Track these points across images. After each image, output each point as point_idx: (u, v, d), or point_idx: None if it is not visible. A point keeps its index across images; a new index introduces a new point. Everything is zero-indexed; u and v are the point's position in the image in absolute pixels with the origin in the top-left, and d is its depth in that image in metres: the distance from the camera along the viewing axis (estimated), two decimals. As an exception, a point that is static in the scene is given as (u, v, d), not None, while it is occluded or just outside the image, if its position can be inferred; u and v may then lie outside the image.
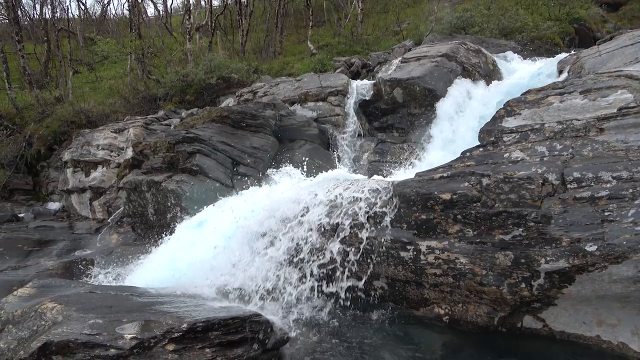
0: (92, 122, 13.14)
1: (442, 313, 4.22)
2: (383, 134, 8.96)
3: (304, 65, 15.59)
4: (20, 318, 3.31)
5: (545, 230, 3.65)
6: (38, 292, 3.86)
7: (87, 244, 8.27)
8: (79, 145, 11.15)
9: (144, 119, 11.70)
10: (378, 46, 16.58)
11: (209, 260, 5.24)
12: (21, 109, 15.19)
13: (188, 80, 13.85)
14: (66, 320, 2.98)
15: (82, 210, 10.81)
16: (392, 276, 4.41)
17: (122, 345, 2.77)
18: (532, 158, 4.26)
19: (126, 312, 3.18)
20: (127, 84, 16.45)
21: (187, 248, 5.65)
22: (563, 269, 3.49)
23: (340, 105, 9.39)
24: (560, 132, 4.40)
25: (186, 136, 7.73)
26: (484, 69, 9.15)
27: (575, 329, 3.74)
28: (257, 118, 8.50)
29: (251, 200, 5.82)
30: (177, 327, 2.93)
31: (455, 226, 4.11)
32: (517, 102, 5.25)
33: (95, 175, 10.57)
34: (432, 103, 8.36)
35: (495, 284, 3.79)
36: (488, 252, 3.85)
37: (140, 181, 7.78)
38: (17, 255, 7.66)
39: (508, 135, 4.75)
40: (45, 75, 19.46)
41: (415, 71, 8.78)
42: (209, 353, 2.93)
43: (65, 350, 2.71)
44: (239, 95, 11.81)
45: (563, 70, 7.57)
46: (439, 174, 4.49)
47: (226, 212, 5.83)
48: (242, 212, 5.51)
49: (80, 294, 3.69)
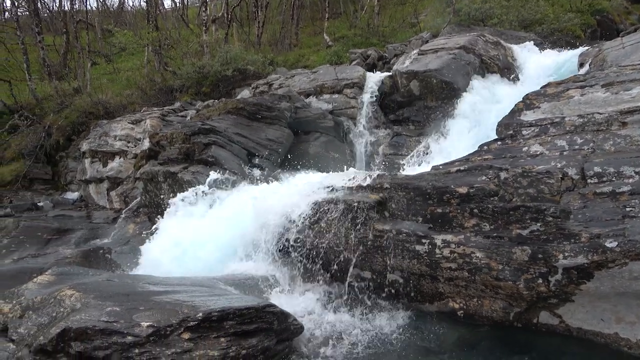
0: (110, 113, 13.29)
1: (457, 307, 4.19)
2: (399, 126, 8.89)
3: (320, 57, 15.52)
4: (39, 304, 3.37)
5: (564, 225, 3.59)
6: (57, 280, 3.94)
7: (105, 233, 8.40)
8: (97, 135, 11.28)
9: (160, 110, 11.79)
10: (395, 38, 16.41)
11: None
12: (41, 100, 15.43)
13: (204, 72, 13.89)
14: (84, 308, 3.03)
15: (99, 200, 10.97)
16: (407, 269, 4.39)
17: (139, 332, 2.81)
18: (551, 152, 4.19)
19: (143, 301, 3.23)
20: (144, 76, 16.57)
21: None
22: (582, 265, 3.43)
23: (355, 97, 9.34)
24: (581, 125, 4.31)
25: (202, 127, 7.77)
26: (502, 61, 9.00)
27: (593, 325, 3.68)
28: (272, 110, 8.50)
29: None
30: (192, 316, 2.96)
31: (472, 220, 4.06)
32: (536, 96, 5.16)
33: (113, 166, 10.70)
34: (449, 96, 8.26)
35: (512, 279, 3.75)
36: (505, 246, 3.81)
37: (157, 172, 7.85)
38: (37, 243, 7.81)
39: (527, 128, 4.68)
40: (64, 66, 19.71)
41: (432, 63, 8.67)
42: (224, 342, 2.96)
43: (83, 337, 2.76)
44: (255, 87, 11.82)
45: (584, 63, 7.41)
46: (456, 168, 4.45)
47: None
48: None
49: (98, 282, 3.75)
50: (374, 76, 9.80)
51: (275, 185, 6.32)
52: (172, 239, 5.85)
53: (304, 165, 7.81)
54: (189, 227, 5.94)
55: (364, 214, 4.68)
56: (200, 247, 5.53)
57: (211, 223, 5.87)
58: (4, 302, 3.62)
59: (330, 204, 4.96)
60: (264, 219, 5.35)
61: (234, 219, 5.67)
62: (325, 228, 4.94)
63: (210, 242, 5.55)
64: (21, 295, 3.62)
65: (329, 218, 4.92)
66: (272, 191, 5.90)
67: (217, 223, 5.80)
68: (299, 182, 5.75)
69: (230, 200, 6.28)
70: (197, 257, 5.42)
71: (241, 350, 3.00)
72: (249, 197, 5.90)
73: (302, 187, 5.51)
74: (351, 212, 4.76)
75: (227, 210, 6.00)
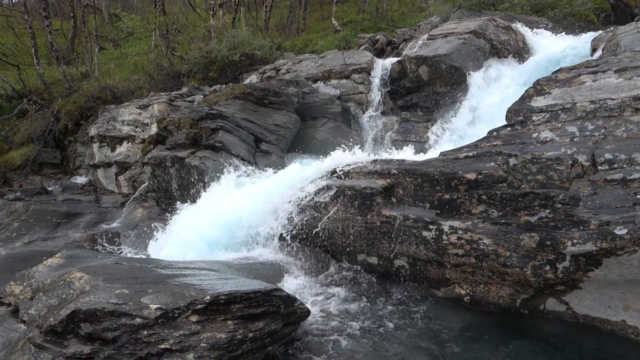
0: (118, 98, 13.32)
1: (463, 293, 4.19)
2: (407, 112, 8.81)
3: (328, 42, 15.38)
4: (49, 286, 3.42)
5: (573, 212, 3.56)
6: (66, 262, 3.98)
7: (113, 217, 8.46)
8: (105, 120, 11.32)
9: (168, 95, 11.77)
10: (403, 23, 16.20)
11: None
12: (49, 85, 15.46)
13: (211, 56, 13.84)
14: (93, 290, 3.06)
15: (108, 185, 11.04)
16: (414, 255, 4.39)
17: (148, 315, 2.83)
18: (561, 138, 4.14)
19: (151, 283, 3.25)
20: (152, 61, 16.54)
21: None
22: (590, 252, 3.41)
23: (363, 83, 9.26)
24: (592, 111, 4.25)
25: (209, 113, 7.76)
26: (513, 46, 8.86)
27: (600, 313, 3.67)
28: (279, 95, 8.46)
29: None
30: (200, 299, 2.98)
31: (480, 207, 4.04)
32: (547, 81, 5.09)
33: (121, 151, 10.74)
34: (458, 81, 8.17)
35: (519, 266, 3.74)
36: (513, 233, 3.79)
37: (165, 157, 7.87)
38: (47, 227, 7.89)
39: (537, 114, 4.62)
40: (72, 51, 19.71)
41: (441, 48, 8.56)
42: (231, 325, 2.98)
43: (92, 318, 2.79)
44: (262, 72, 11.76)
45: (597, 48, 7.26)
46: (464, 154, 4.42)
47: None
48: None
49: (106, 265, 3.79)
50: (382, 61, 9.71)
51: (282, 171, 6.31)
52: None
53: (311, 150, 7.80)
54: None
55: (370, 199, 4.67)
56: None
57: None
58: (15, 284, 3.67)
59: (337, 190, 4.96)
60: (271, 205, 5.37)
61: (245, 205, 5.68)
62: (332, 214, 4.94)
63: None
64: (31, 277, 3.67)
65: (336, 204, 4.92)
66: (280, 177, 5.90)
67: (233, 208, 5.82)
68: (306, 168, 5.73)
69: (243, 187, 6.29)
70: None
71: (248, 333, 3.02)
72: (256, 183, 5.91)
73: (309, 172, 5.50)
74: (358, 198, 4.76)
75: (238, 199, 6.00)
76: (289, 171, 6.12)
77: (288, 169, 6.25)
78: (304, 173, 5.56)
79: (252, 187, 5.95)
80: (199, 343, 2.80)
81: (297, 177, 5.54)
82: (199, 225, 5.69)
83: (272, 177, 6.11)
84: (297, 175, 5.60)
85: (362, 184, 4.78)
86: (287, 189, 5.40)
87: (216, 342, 2.84)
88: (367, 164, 5.11)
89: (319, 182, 5.30)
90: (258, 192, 5.65)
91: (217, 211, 5.75)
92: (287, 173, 6.05)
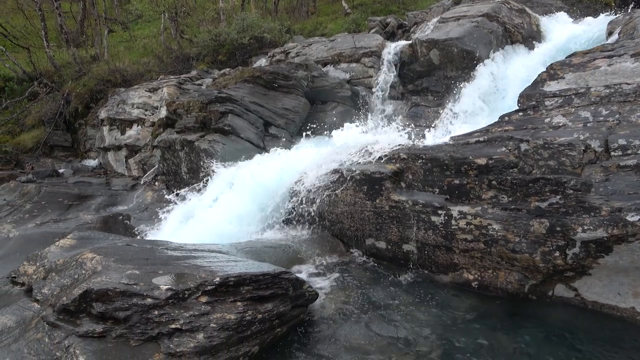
0: (127, 81, 13.33)
1: (471, 278, 4.20)
2: (417, 97, 8.72)
3: (338, 25, 15.21)
4: (62, 267, 3.47)
5: (585, 198, 3.53)
6: (78, 243, 4.04)
7: (124, 200, 8.54)
8: (115, 103, 11.35)
9: (177, 78, 11.76)
10: (415, 5, 15.95)
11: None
12: (59, 67, 15.51)
13: (220, 39, 13.76)
14: (105, 270, 3.10)
15: (118, 168, 11.12)
16: (422, 240, 4.40)
17: (158, 295, 2.87)
18: (574, 124, 4.08)
19: (161, 265, 3.29)
20: (161, 44, 16.50)
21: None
22: (601, 239, 3.39)
23: (374, 66, 9.17)
24: (607, 96, 4.18)
25: (218, 96, 7.74)
26: (527, 30, 8.69)
27: (609, 299, 3.66)
28: (289, 79, 8.41)
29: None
30: (210, 281, 3.02)
31: (490, 192, 4.02)
32: (561, 66, 5.00)
33: (131, 134, 10.79)
34: (470, 65, 8.06)
35: (528, 252, 3.73)
36: (522, 219, 3.77)
37: (174, 140, 7.90)
38: (58, 208, 7.98)
39: (550, 99, 4.55)
40: (82, 33, 19.70)
41: (453, 32, 8.42)
42: (241, 306, 3.01)
43: (104, 298, 2.83)
44: (271, 55, 11.68)
45: (613, 31, 7.10)
46: (475, 138, 4.38)
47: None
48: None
49: (117, 247, 3.83)
50: (393, 45, 9.57)
51: (291, 154, 6.30)
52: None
53: (321, 135, 7.77)
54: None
55: (380, 184, 4.66)
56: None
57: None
58: (28, 264, 3.74)
59: (346, 174, 4.95)
60: (281, 188, 5.38)
61: (254, 189, 5.70)
62: (341, 197, 4.95)
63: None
64: (44, 257, 3.73)
65: (345, 187, 4.92)
66: (288, 160, 5.90)
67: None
68: (315, 151, 5.72)
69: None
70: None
71: (257, 314, 3.06)
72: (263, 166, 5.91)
73: (318, 156, 5.50)
74: (367, 182, 4.75)
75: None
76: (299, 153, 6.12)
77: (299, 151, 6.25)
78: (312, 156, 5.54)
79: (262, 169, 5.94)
80: (208, 323, 2.84)
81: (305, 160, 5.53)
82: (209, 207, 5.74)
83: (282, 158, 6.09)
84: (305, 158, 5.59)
85: (371, 169, 4.77)
86: (295, 172, 5.40)
87: (226, 323, 2.88)
88: (376, 148, 5.08)
89: (328, 165, 5.29)
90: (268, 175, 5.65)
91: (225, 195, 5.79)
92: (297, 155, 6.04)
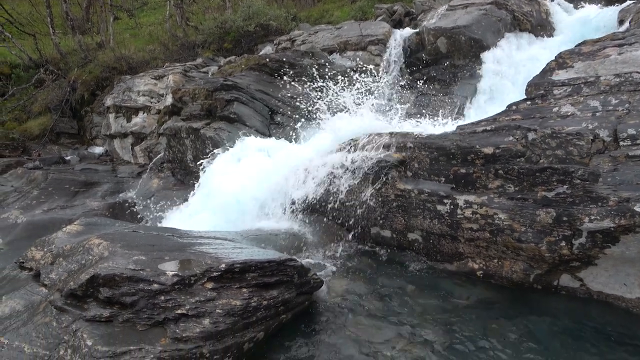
0: (133, 69, 13.32)
1: (476, 268, 4.20)
2: (424, 86, 8.66)
3: (344, 12, 15.06)
4: (69, 252, 3.50)
5: (592, 188, 3.50)
6: (85, 229, 4.07)
7: (130, 187, 8.59)
8: (121, 91, 11.36)
9: (182, 65, 11.73)
10: (422, -7, 15.76)
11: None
12: (65, 54, 15.50)
13: (226, 27, 13.68)
14: (112, 256, 3.12)
15: (124, 155, 11.17)
16: (427, 229, 4.39)
17: (164, 281, 2.89)
18: (583, 113, 4.04)
19: (168, 251, 3.31)
20: (166, 31, 16.43)
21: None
22: (607, 229, 3.37)
23: (380, 55, 9.10)
24: (617, 85, 4.13)
25: (224, 84, 7.72)
26: (536, 18, 8.59)
27: (615, 290, 3.65)
28: (295, 67, 8.37)
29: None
30: (215, 267, 3.03)
31: (496, 181, 4.00)
32: (570, 54, 4.94)
33: (137, 121, 10.81)
34: (477, 54, 7.98)
35: (534, 241, 3.71)
36: (529, 208, 3.75)
37: (180, 128, 7.90)
38: (65, 195, 8.05)
39: (559, 88, 4.50)
40: (87, 20, 19.66)
41: (461, 20, 8.33)
42: (246, 293, 3.03)
43: (111, 283, 2.86)
44: (277, 43, 11.61)
45: (624, 20, 7.01)
46: (482, 127, 4.35)
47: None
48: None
49: (124, 233, 3.86)
50: (400, 33, 9.48)
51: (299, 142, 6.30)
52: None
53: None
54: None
55: (385, 172, 4.65)
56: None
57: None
58: (36, 249, 3.77)
59: (352, 162, 4.94)
60: (286, 176, 5.38)
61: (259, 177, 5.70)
62: (346, 186, 4.94)
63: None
64: (52, 243, 3.76)
65: (351, 176, 4.92)
66: (296, 148, 5.89)
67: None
68: (321, 139, 5.70)
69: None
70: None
71: (262, 300, 3.08)
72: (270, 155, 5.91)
73: (324, 144, 5.48)
74: (373, 171, 4.74)
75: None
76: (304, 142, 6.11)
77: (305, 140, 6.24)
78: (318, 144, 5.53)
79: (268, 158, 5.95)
80: (214, 309, 2.86)
81: (311, 148, 5.52)
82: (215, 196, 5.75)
83: (288, 148, 6.09)
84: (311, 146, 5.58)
85: (377, 157, 4.76)
86: (301, 160, 5.40)
87: (231, 309, 2.90)
88: (382, 137, 5.06)
89: (333, 154, 5.28)
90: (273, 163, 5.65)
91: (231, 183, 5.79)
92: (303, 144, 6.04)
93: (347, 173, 4.97)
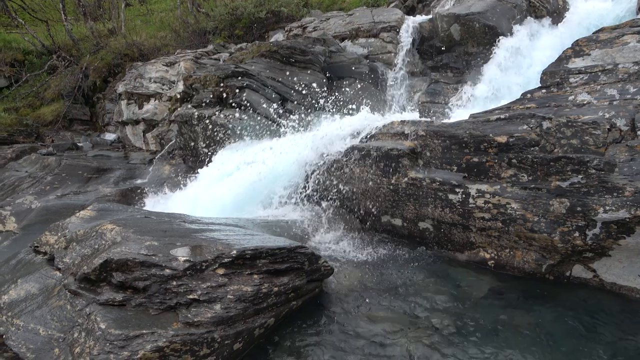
0: (144, 55, 13.33)
1: (488, 257, 4.17)
2: (437, 73, 8.56)
3: (356, -1, 14.90)
4: (82, 237, 3.54)
5: (607, 178, 3.45)
6: (98, 215, 4.10)
7: (142, 174, 8.66)
8: (132, 77, 11.38)
9: (194, 52, 11.71)
10: (436, -21, 15.52)
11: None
12: (77, 41, 15.54)
13: (237, 14, 13.61)
14: (124, 241, 3.15)
15: (136, 142, 11.22)
16: (439, 218, 4.37)
17: (176, 266, 2.92)
18: (600, 101, 3.97)
19: (179, 237, 3.33)
20: (178, 17, 16.39)
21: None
22: (623, 220, 3.32)
23: (392, 42, 8.99)
24: (635, 73, 4.04)
25: (235, 71, 7.70)
26: (552, 4, 8.42)
27: (629, 281, 3.61)
28: (306, 54, 8.31)
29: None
30: (227, 253, 3.05)
31: (509, 170, 3.96)
32: (587, 42, 4.84)
33: (148, 108, 10.84)
34: (491, 41, 7.85)
35: (547, 231, 3.68)
36: (542, 198, 3.71)
37: (191, 115, 7.91)
38: (78, 181, 8.13)
39: (575, 76, 4.42)
40: (99, 7, 19.65)
41: (475, 6, 8.19)
42: (257, 279, 3.05)
43: (124, 268, 2.89)
44: (288, 30, 11.53)
45: (644, 6, 6.84)
46: (496, 116, 4.29)
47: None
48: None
49: (136, 218, 3.89)
50: (412, 20, 9.35)
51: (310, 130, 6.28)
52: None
53: (338, 111, 7.70)
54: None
55: (397, 161, 4.62)
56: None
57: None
58: (50, 234, 3.82)
59: (363, 150, 4.92)
60: (297, 164, 5.38)
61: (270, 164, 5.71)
62: (358, 174, 4.93)
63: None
64: (65, 228, 3.80)
65: (362, 164, 4.89)
66: (307, 136, 5.88)
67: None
68: (332, 127, 5.68)
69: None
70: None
71: (273, 287, 3.09)
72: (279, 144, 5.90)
73: (336, 131, 5.46)
74: (384, 159, 4.71)
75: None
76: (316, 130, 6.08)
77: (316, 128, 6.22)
78: (329, 132, 5.51)
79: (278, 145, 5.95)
80: (225, 295, 2.88)
81: (323, 137, 5.49)
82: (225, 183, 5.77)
83: (299, 135, 6.08)
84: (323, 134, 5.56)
85: (389, 145, 4.73)
86: (313, 148, 5.38)
87: (242, 295, 2.92)
88: (394, 125, 5.03)
89: (345, 142, 5.26)
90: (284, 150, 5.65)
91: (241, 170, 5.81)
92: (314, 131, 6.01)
93: (358, 161, 4.95)
